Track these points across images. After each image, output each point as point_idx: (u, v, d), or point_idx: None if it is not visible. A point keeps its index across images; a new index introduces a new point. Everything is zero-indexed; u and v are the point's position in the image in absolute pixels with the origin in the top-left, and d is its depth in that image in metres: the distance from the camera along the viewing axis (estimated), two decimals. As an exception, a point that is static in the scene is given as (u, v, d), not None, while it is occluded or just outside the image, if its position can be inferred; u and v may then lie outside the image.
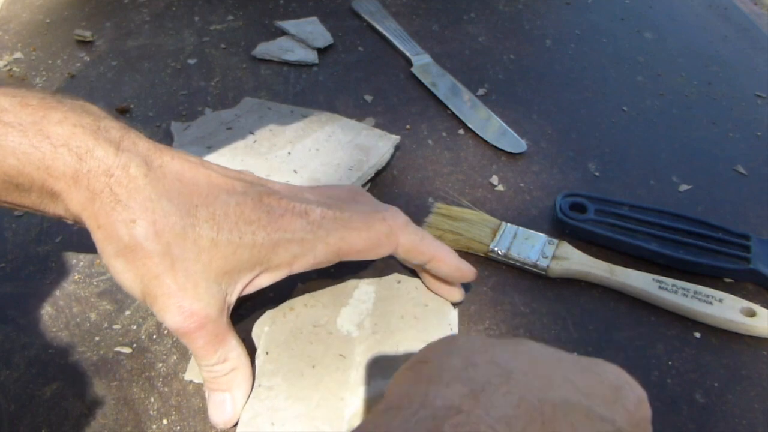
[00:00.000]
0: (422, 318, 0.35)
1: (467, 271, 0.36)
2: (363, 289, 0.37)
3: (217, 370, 0.31)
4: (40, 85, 0.57)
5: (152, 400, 0.34)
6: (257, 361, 0.34)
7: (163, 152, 0.30)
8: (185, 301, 0.29)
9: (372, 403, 0.31)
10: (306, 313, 0.36)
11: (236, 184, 0.31)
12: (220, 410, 0.32)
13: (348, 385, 0.32)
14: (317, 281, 0.38)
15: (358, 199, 0.36)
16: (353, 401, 0.31)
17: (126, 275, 0.29)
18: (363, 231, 0.32)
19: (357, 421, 0.30)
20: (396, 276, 0.38)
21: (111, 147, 0.28)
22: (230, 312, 0.31)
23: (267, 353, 0.34)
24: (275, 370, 0.33)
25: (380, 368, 0.33)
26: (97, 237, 0.29)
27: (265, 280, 0.32)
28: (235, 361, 0.32)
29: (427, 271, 0.36)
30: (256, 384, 0.33)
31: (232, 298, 0.31)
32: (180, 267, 0.29)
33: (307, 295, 0.37)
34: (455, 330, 0.35)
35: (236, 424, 0.31)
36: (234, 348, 0.32)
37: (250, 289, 0.32)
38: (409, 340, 0.34)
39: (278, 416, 0.31)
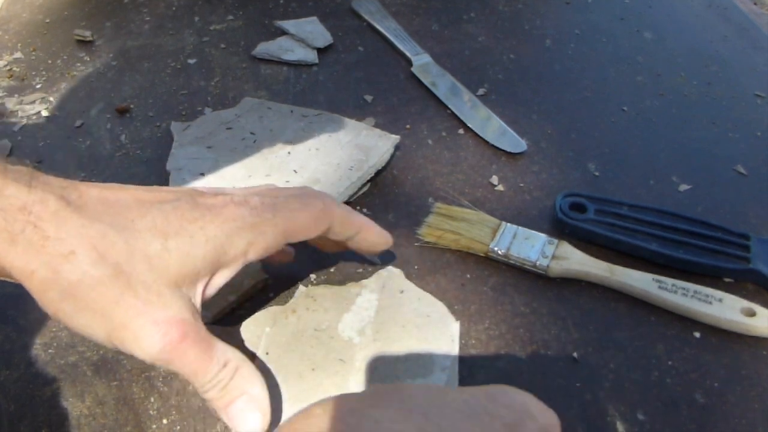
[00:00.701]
0: (423, 328, 0.36)
1: (389, 237, 0.37)
2: (366, 297, 0.37)
3: (222, 377, 0.28)
4: (40, 85, 0.57)
5: (152, 400, 0.34)
6: (258, 361, 0.34)
7: (77, 185, 0.28)
8: (157, 313, 0.27)
9: None
10: (308, 316, 0.36)
11: (164, 194, 0.30)
12: (244, 420, 0.29)
13: (347, 390, 0.32)
14: (320, 287, 0.38)
15: (278, 189, 0.35)
16: None
17: (81, 318, 0.26)
18: (302, 209, 0.32)
19: None
20: (399, 285, 0.38)
21: (21, 185, 0.26)
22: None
23: (267, 353, 0.34)
24: (275, 370, 0.33)
25: (380, 375, 0.33)
26: (33, 285, 0.26)
27: (222, 278, 0.30)
28: (235, 359, 0.29)
29: (351, 246, 0.36)
30: None
31: (197, 303, 0.29)
32: (137, 282, 0.26)
33: (309, 299, 0.37)
34: (456, 341, 0.35)
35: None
36: (227, 348, 0.29)
37: (210, 291, 0.30)
38: (410, 349, 0.34)
39: (276, 417, 0.31)
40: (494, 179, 0.48)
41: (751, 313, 0.38)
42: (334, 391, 0.32)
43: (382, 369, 0.33)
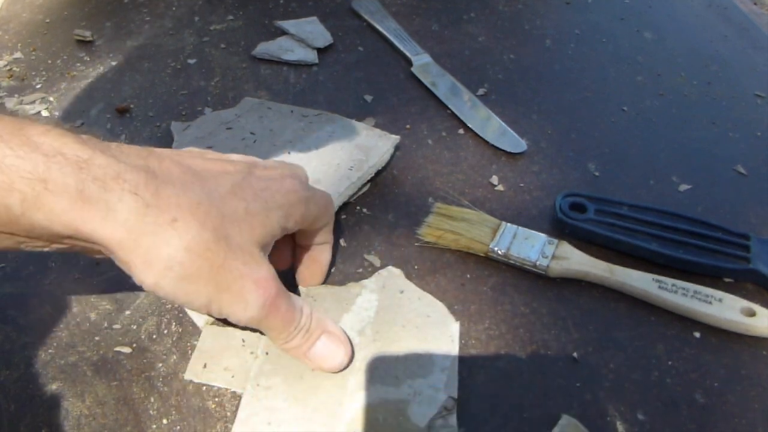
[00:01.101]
0: (423, 328, 0.36)
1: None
2: (366, 297, 0.37)
3: (304, 322, 0.31)
4: (40, 85, 0.57)
5: (152, 400, 0.34)
6: (257, 361, 0.34)
7: (153, 152, 0.28)
8: (257, 273, 0.28)
9: (370, 409, 0.31)
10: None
11: (227, 165, 0.31)
12: (331, 355, 0.32)
13: (346, 390, 0.32)
14: (320, 287, 0.38)
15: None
16: (351, 406, 0.31)
17: (184, 286, 0.26)
18: (326, 194, 0.36)
19: (354, 427, 0.31)
20: (399, 285, 0.39)
21: (108, 155, 0.26)
22: None
23: (267, 353, 0.34)
24: (274, 370, 0.33)
25: (379, 375, 0.33)
26: (133, 257, 0.25)
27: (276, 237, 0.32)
28: (307, 305, 0.32)
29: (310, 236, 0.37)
30: (254, 383, 0.33)
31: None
32: (235, 245, 0.27)
33: (309, 299, 0.37)
34: (456, 342, 0.35)
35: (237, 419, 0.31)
36: (297, 297, 0.32)
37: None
38: (410, 349, 0.34)
39: (275, 416, 0.31)
40: (494, 179, 0.48)
41: (751, 313, 0.38)
42: (333, 392, 0.32)
43: (381, 369, 0.33)
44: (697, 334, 0.38)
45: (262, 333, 0.35)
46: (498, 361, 0.37)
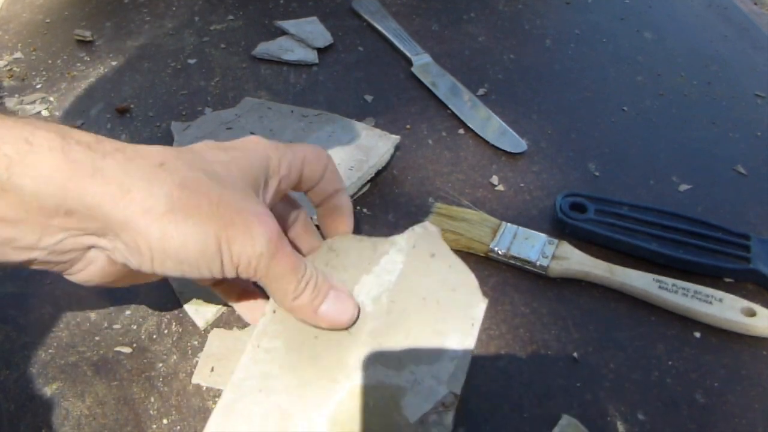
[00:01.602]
0: (444, 305, 0.31)
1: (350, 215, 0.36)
2: (392, 257, 0.33)
3: (310, 275, 0.29)
4: (40, 85, 0.57)
5: (152, 400, 0.34)
6: (262, 319, 0.31)
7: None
8: (256, 208, 0.27)
9: (364, 392, 0.29)
10: (325, 273, 0.32)
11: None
12: (342, 310, 0.30)
13: (346, 367, 0.30)
14: (346, 238, 0.35)
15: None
16: (345, 386, 0.29)
17: (185, 227, 0.25)
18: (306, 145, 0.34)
19: (342, 409, 0.29)
20: (432, 247, 0.33)
21: (84, 131, 0.26)
22: None
23: (274, 312, 0.32)
24: (278, 332, 0.31)
25: (383, 355, 0.30)
26: (131, 214, 0.24)
27: (268, 193, 0.31)
28: (310, 263, 0.30)
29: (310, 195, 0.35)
30: (255, 343, 0.31)
31: None
32: (227, 184, 0.27)
33: (332, 254, 0.33)
34: (476, 328, 0.31)
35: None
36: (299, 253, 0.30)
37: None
38: (423, 331, 0.30)
39: (267, 384, 0.29)
40: (494, 179, 0.48)
41: (751, 313, 0.38)
42: (331, 366, 0.30)
43: (386, 348, 0.30)
44: (697, 334, 0.38)
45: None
46: (498, 361, 0.37)
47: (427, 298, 0.31)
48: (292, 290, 0.29)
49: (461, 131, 0.53)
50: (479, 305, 0.31)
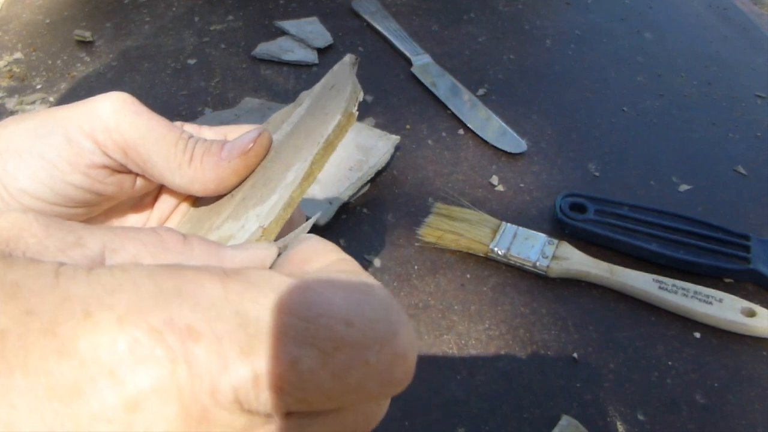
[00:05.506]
0: (309, 133, 0.25)
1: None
2: (303, 107, 0.28)
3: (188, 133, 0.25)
4: (40, 85, 0.57)
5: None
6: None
7: None
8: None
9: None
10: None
11: None
12: (242, 139, 0.24)
13: (210, 231, 0.24)
14: (279, 111, 0.29)
15: None
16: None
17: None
18: None
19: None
20: (334, 81, 0.27)
21: None
22: None
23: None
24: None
25: (235, 211, 0.24)
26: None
27: None
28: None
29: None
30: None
31: None
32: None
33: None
34: (321, 142, 0.23)
35: None
36: None
37: None
38: (275, 171, 0.24)
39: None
40: (494, 179, 0.48)
41: (751, 314, 0.38)
42: (204, 231, 0.25)
43: (241, 201, 0.25)
44: (697, 335, 0.38)
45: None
46: (498, 361, 0.37)
47: (302, 134, 0.25)
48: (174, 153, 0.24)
49: (461, 131, 0.53)
50: (333, 120, 0.23)
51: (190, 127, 0.27)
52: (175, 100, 0.55)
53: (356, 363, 0.13)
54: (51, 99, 0.56)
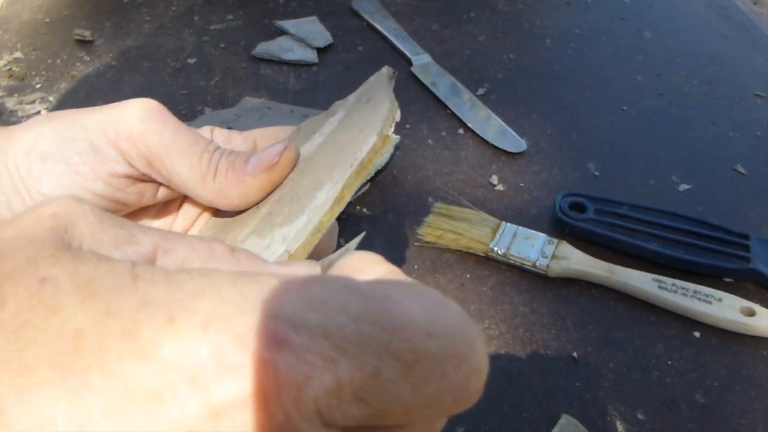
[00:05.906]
0: (343, 151, 0.24)
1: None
2: (336, 117, 0.28)
3: (215, 145, 0.25)
4: (40, 85, 0.57)
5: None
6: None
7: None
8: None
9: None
10: None
11: None
12: (266, 154, 0.24)
13: (234, 242, 0.24)
14: (312, 119, 0.30)
15: None
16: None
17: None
18: None
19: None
20: (370, 94, 0.27)
21: None
22: None
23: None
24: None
25: (259, 227, 0.24)
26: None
27: None
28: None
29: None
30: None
31: None
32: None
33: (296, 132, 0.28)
34: (355, 166, 0.22)
35: None
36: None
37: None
38: (306, 188, 0.23)
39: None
40: (494, 179, 0.48)
41: (751, 313, 0.38)
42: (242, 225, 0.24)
43: (267, 217, 0.24)
44: (697, 334, 0.38)
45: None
46: (498, 361, 0.37)
47: (334, 149, 0.25)
48: (198, 165, 0.23)
49: (461, 131, 0.53)
50: (368, 141, 0.22)
51: (220, 133, 0.27)
52: (175, 100, 0.55)
53: (435, 376, 0.13)
54: (51, 98, 0.56)
